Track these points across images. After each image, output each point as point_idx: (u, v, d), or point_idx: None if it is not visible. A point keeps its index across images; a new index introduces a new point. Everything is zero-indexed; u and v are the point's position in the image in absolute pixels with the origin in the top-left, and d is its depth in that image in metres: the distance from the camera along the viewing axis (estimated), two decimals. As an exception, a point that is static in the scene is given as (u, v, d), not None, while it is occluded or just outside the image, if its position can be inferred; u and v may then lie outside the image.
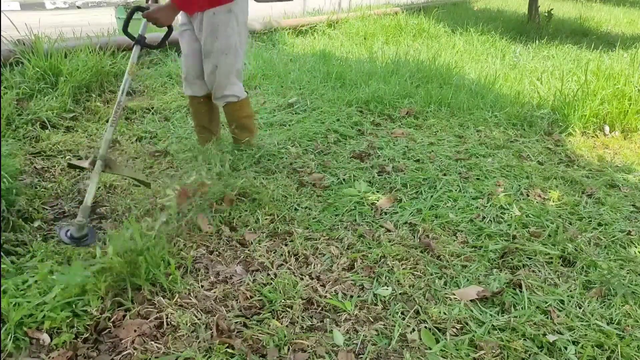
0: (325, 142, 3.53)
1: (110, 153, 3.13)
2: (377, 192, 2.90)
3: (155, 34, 4.83)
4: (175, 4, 2.47)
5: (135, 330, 1.74)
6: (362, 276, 2.14)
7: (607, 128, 4.23)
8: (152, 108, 3.94)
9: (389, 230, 2.52)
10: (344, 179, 3.02)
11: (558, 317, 1.96)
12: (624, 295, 2.11)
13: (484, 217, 2.69)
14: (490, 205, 2.81)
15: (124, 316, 1.80)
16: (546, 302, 2.04)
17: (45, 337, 1.66)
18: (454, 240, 2.47)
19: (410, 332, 1.84)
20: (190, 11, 2.62)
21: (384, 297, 2.03)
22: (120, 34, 5.58)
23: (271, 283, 2.06)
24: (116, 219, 2.44)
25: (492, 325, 1.90)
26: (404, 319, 1.91)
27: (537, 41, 8.02)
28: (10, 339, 1.63)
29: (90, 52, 4.26)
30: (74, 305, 1.77)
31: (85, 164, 2.30)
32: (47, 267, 1.90)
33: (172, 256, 2.13)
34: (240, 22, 2.75)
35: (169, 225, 2.23)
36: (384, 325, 1.88)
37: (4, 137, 3.13)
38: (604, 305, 2.06)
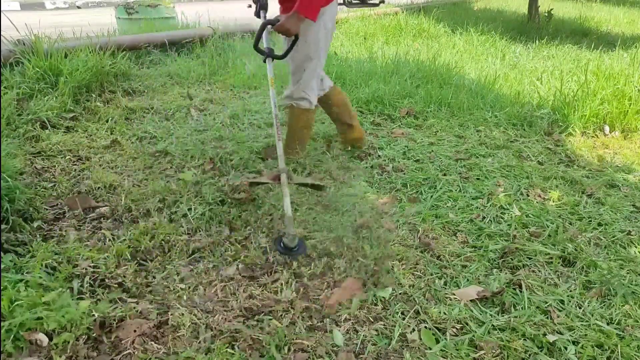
0: (325, 142, 3.53)
1: (111, 153, 3.13)
2: (377, 192, 2.90)
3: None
4: (299, 12, 2.52)
5: (135, 331, 1.74)
6: (362, 276, 2.14)
7: (607, 128, 4.22)
8: (152, 108, 3.94)
9: (389, 230, 2.52)
10: (344, 179, 3.02)
11: (558, 317, 1.96)
12: (624, 295, 2.11)
13: (484, 217, 2.69)
14: (490, 205, 2.81)
15: (124, 316, 1.80)
16: (546, 302, 2.04)
17: (42, 337, 1.65)
18: (454, 240, 2.47)
19: (410, 332, 1.84)
20: (314, 17, 2.62)
21: (384, 297, 2.03)
22: (120, 34, 5.58)
23: (272, 283, 2.06)
24: (116, 218, 2.44)
25: (492, 325, 1.90)
26: (404, 319, 1.91)
27: (537, 41, 8.02)
28: (10, 339, 1.63)
29: (90, 52, 4.26)
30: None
31: (266, 179, 2.52)
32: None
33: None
34: (328, 28, 2.83)
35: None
36: (384, 325, 1.88)
37: (4, 137, 3.13)
38: (604, 305, 2.06)
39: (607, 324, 1.95)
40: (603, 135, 4.17)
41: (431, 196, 2.87)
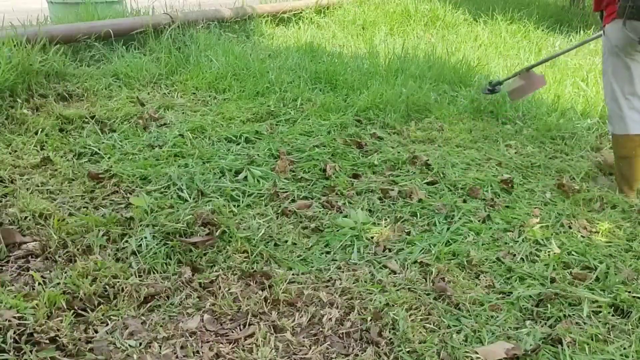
0: (312, 161, 3.56)
1: (42, 174, 3.15)
2: (379, 222, 2.93)
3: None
4: None
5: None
6: (360, 330, 2.16)
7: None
8: (94, 117, 3.97)
9: (393, 272, 2.55)
10: (337, 207, 3.05)
11: (608, 381, 1.99)
12: (690, 352, 2.14)
13: (514, 255, 2.72)
14: (522, 240, 2.85)
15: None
16: (593, 362, 2.07)
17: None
18: (477, 285, 2.50)
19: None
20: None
21: (389, 357, 2.05)
22: (53, 23, 5.62)
23: (245, 339, 2.07)
24: (48, 257, 2.45)
25: (525, 391, 1.92)
26: (413, 383, 1.94)
27: (581, 31, 8.13)
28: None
29: (15, 46, 4.28)
30: None
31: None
32: None
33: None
34: (610, 46, 3.24)
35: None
36: (388, 392, 1.90)
37: None
38: (664, 365, 2.09)
39: (669, 388, 1.98)
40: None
41: (447, 228, 2.91)
